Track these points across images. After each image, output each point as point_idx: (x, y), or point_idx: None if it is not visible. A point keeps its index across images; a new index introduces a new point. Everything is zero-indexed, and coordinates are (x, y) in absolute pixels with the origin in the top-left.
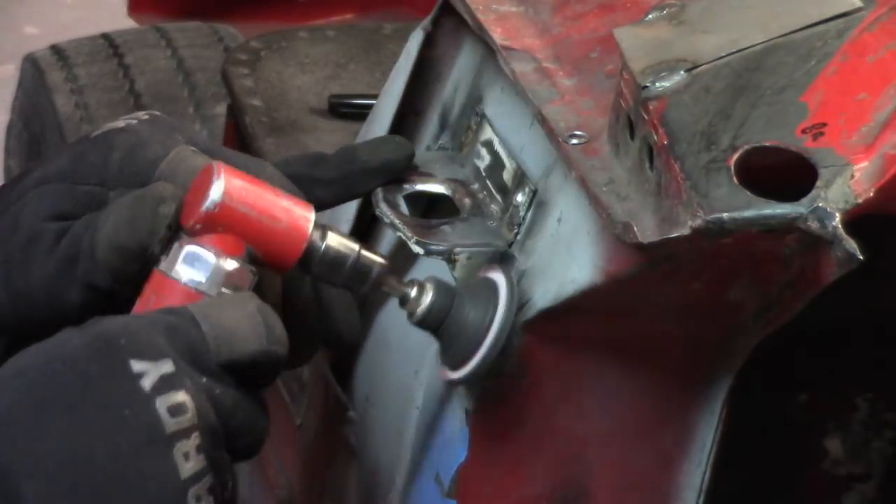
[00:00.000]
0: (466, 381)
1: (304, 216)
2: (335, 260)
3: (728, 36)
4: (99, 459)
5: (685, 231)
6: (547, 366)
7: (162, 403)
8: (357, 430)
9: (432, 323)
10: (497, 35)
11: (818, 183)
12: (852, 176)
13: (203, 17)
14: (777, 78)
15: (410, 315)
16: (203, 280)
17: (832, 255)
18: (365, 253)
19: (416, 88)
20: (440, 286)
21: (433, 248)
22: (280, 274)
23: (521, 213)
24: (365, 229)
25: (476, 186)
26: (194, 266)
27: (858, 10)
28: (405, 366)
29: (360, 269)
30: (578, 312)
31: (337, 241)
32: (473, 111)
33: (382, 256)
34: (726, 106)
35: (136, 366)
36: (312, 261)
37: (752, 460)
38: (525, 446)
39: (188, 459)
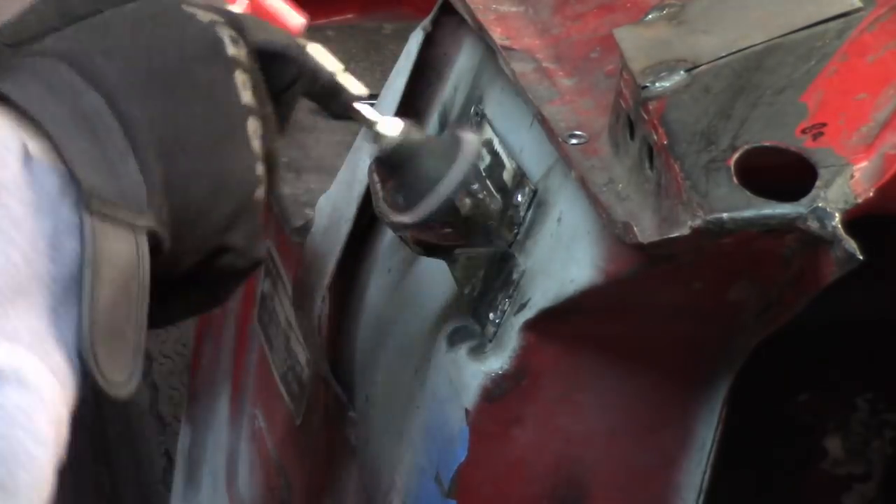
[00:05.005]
0: (414, 226)
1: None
2: (316, 68)
3: (728, 36)
4: (170, 57)
5: (685, 231)
6: (547, 365)
7: (221, 31)
8: (357, 430)
9: (391, 162)
10: (497, 35)
11: (818, 183)
12: (852, 176)
13: None
14: (777, 78)
15: (378, 149)
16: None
17: (832, 254)
18: (346, 75)
19: (416, 88)
20: (411, 129)
21: None
22: None
23: (521, 213)
24: (365, 228)
25: (476, 186)
26: None
27: (858, 10)
28: (405, 366)
29: (334, 85)
30: (578, 312)
31: (321, 53)
32: (473, 111)
33: (362, 88)
34: (726, 106)
35: (189, 9)
36: None
37: (752, 460)
38: (525, 446)
39: (245, 89)
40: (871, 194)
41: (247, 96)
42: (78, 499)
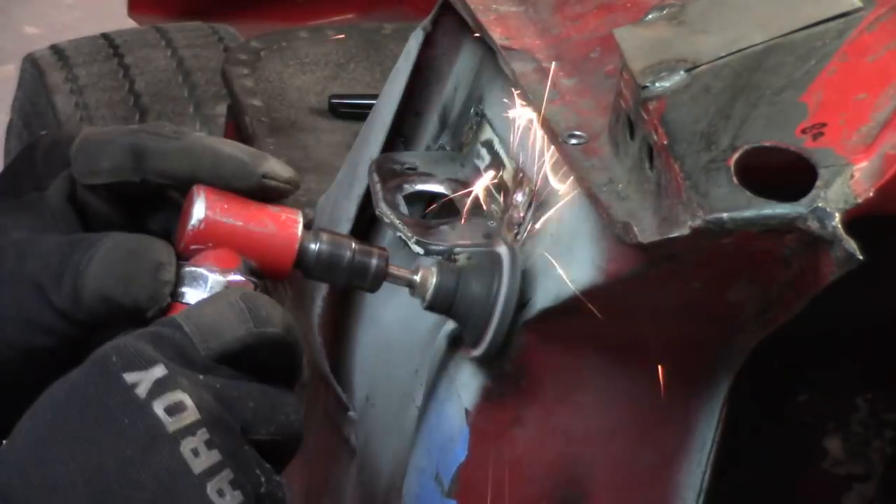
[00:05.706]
0: (487, 356)
1: (291, 219)
2: (331, 259)
3: (728, 36)
4: (109, 469)
5: (685, 231)
6: (547, 366)
7: (159, 405)
8: (357, 430)
9: (442, 304)
10: (497, 35)
11: (818, 183)
12: (852, 176)
13: (203, 17)
14: (777, 78)
15: (422, 300)
16: (205, 296)
17: (832, 254)
18: (361, 248)
19: (416, 88)
20: (443, 268)
21: (433, 247)
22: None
23: (521, 213)
24: (365, 229)
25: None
26: (195, 286)
27: (858, 10)
28: (405, 366)
29: (358, 265)
30: (579, 312)
31: (330, 241)
32: (473, 111)
33: (380, 248)
34: (726, 106)
35: (129, 377)
36: (309, 264)
37: (752, 460)
38: (525, 446)
39: (198, 455)
40: (871, 194)
41: (199, 463)
42: None
